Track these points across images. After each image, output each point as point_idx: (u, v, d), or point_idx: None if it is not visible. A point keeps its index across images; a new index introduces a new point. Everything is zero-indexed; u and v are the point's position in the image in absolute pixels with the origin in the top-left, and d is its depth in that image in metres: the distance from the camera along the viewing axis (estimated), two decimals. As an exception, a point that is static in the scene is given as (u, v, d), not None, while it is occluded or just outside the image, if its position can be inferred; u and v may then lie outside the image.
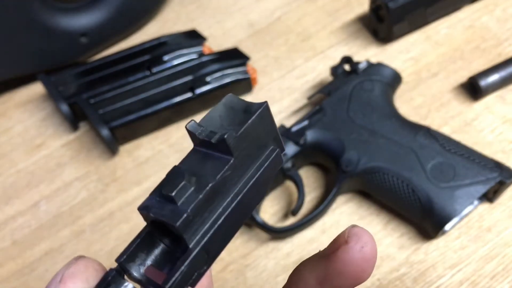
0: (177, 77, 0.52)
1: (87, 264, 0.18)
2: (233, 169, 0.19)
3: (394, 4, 0.51)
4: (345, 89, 0.48)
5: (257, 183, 0.19)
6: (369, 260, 0.20)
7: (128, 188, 0.50)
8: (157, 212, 0.17)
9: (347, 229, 0.20)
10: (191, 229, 0.17)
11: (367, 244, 0.20)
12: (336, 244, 0.20)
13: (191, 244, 0.17)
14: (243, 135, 0.18)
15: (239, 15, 0.61)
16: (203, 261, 0.18)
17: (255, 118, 0.19)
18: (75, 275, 0.17)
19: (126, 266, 0.18)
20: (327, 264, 0.20)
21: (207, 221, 0.18)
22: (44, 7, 0.53)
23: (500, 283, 0.41)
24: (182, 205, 0.17)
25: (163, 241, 0.19)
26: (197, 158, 0.19)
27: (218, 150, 0.19)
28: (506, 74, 0.49)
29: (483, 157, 0.43)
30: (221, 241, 0.19)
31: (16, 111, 0.57)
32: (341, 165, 0.44)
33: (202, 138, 0.19)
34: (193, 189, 0.18)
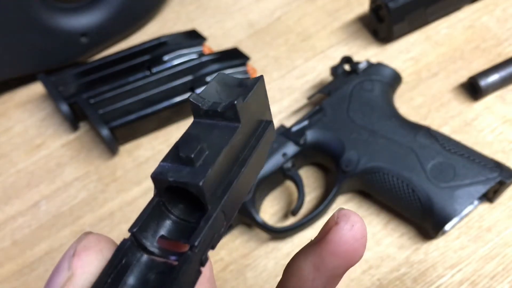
0: (177, 77, 0.52)
1: (99, 237, 0.17)
2: (240, 134, 0.19)
3: (394, 4, 0.51)
4: (345, 89, 0.48)
5: (258, 152, 0.20)
6: (360, 239, 0.20)
7: (128, 188, 0.50)
8: (176, 175, 0.17)
9: (335, 212, 0.21)
10: (210, 190, 0.18)
11: (356, 223, 0.20)
12: (327, 227, 0.20)
13: (211, 205, 0.18)
14: (248, 104, 0.19)
15: (239, 15, 0.61)
16: (221, 222, 0.18)
17: (255, 89, 0.20)
18: (89, 248, 0.17)
19: (139, 237, 0.17)
20: (320, 248, 0.20)
21: (222, 184, 0.18)
22: (44, 7, 0.53)
23: (500, 283, 0.41)
24: (200, 167, 0.18)
25: (173, 212, 0.19)
26: (201, 128, 0.20)
27: (224, 118, 0.19)
28: (506, 74, 0.49)
29: (483, 157, 0.43)
30: (234, 203, 0.19)
31: (16, 111, 0.57)
32: (341, 165, 0.44)
33: (206, 108, 0.19)
34: (207, 153, 0.18)
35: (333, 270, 0.21)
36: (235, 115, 0.19)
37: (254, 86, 0.20)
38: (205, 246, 0.17)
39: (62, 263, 0.16)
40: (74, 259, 0.16)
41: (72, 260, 0.16)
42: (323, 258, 0.20)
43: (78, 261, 0.16)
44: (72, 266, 0.16)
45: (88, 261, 0.16)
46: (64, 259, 0.16)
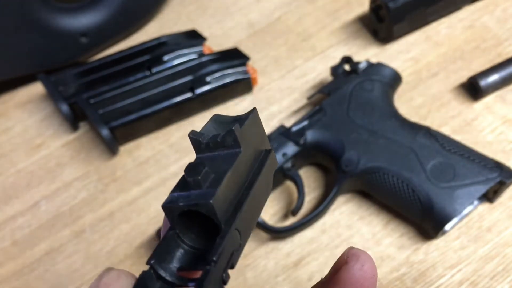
0: (177, 77, 0.52)
1: (119, 273, 0.18)
2: (243, 160, 0.20)
3: (394, 4, 0.51)
4: (345, 89, 0.48)
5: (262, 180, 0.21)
6: (370, 278, 0.20)
7: (128, 188, 0.50)
8: (186, 200, 0.18)
9: (345, 251, 0.21)
10: (221, 209, 0.18)
11: (366, 262, 0.20)
12: (337, 266, 0.21)
13: (224, 222, 0.18)
14: (244, 130, 0.20)
15: (239, 15, 0.61)
16: (236, 239, 0.19)
17: (250, 119, 0.21)
18: (109, 284, 0.17)
19: (156, 268, 0.18)
20: (331, 286, 0.20)
21: (232, 204, 0.19)
22: (44, 7, 0.53)
23: (500, 283, 0.41)
24: (208, 188, 0.18)
25: (186, 242, 0.19)
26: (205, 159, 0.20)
27: (225, 146, 0.20)
28: (506, 74, 0.49)
29: (483, 157, 0.43)
30: (247, 223, 0.20)
31: (16, 111, 0.57)
32: (341, 165, 0.44)
33: (207, 141, 0.20)
34: (213, 176, 0.19)
35: None
36: (235, 140, 0.20)
37: (249, 116, 0.21)
38: (224, 263, 0.18)
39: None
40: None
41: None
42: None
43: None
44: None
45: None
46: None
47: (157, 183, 0.50)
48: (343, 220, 0.45)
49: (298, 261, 0.44)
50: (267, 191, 0.22)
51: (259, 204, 0.21)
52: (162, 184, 0.50)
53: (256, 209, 0.21)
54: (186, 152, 0.52)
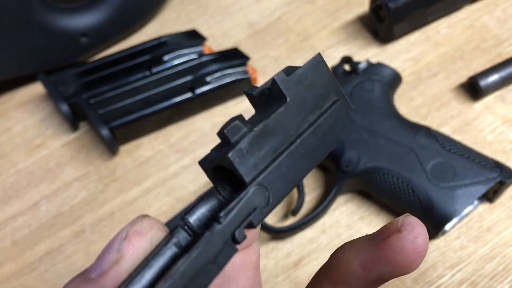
0: (177, 77, 0.52)
1: (153, 223, 0.17)
2: (289, 111, 0.19)
3: (394, 4, 0.51)
4: (345, 89, 0.48)
5: (320, 129, 0.20)
6: (420, 252, 0.19)
7: (128, 188, 0.50)
8: (213, 156, 0.18)
9: (400, 218, 0.20)
10: (246, 163, 0.17)
11: (420, 236, 0.19)
12: (388, 231, 0.19)
13: (247, 179, 0.17)
14: (294, 79, 0.19)
15: (239, 15, 0.61)
16: (263, 198, 0.18)
17: (307, 65, 0.19)
18: (141, 234, 0.17)
19: (189, 221, 0.18)
20: (376, 249, 0.19)
21: (264, 159, 0.18)
22: (44, 7, 0.53)
23: (500, 283, 0.41)
24: (235, 141, 0.17)
25: (225, 195, 0.19)
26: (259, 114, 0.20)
27: (272, 97, 0.19)
28: (506, 74, 0.49)
29: (483, 157, 0.43)
30: (283, 182, 0.19)
31: (16, 111, 0.57)
32: (341, 165, 0.44)
33: (256, 94, 0.19)
34: (247, 129, 0.18)
35: (382, 274, 0.20)
36: (278, 90, 0.18)
37: (307, 64, 0.19)
38: (238, 221, 0.17)
39: (114, 243, 0.17)
40: (125, 243, 0.17)
41: (123, 243, 0.17)
42: (376, 261, 0.20)
43: (129, 245, 0.16)
44: (122, 249, 0.16)
45: (138, 246, 0.17)
46: (116, 240, 0.17)
47: (157, 183, 0.50)
48: (343, 220, 0.45)
49: (298, 261, 0.44)
50: (325, 144, 0.20)
51: (309, 159, 0.19)
52: (162, 184, 0.50)
53: (300, 165, 0.19)
54: (186, 152, 0.52)
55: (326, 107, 0.20)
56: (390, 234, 0.19)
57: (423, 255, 0.19)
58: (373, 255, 0.19)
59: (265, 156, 0.18)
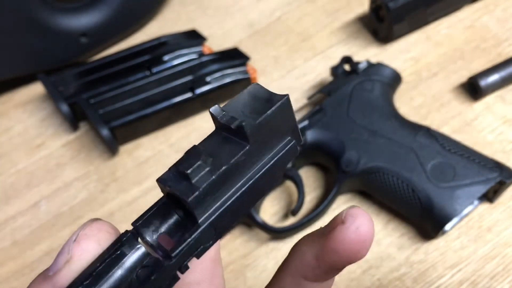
0: (177, 77, 0.52)
1: (101, 227, 0.19)
2: (248, 155, 0.20)
3: (394, 4, 0.51)
4: (345, 89, 0.48)
5: (270, 171, 0.20)
6: (364, 241, 0.20)
7: (128, 188, 0.50)
8: (173, 186, 0.19)
9: (345, 209, 0.21)
10: (202, 205, 0.19)
11: (362, 225, 0.20)
12: (334, 223, 0.21)
13: (200, 220, 0.19)
14: (261, 124, 0.19)
15: (239, 15, 0.61)
16: (210, 236, 0.19)
17: (274, 109, 0.20)
18: (89, 236, 0.18)
19: (140, 230, 0.19)
20: (324, 241, 0.21)
21: (217, 200, 0.19)
22: (44, 7, 0.53)
23: (500, 283, 0.41)
24: (196, 183, 0.18)
25: (177, 212, 0.20)
26: (217, 140, 0.20)
27: (237, 135, 0.20)
28: (506, 74, 0.49)
29: (483, 157, 0.43)
30: (229, 220, 0.20)
31: (16, 111, 0.57)
32: (341, 165, 0.44)
33: (222, 122, 0.20)
34: (208, 169, 0.19)
35: (333, 264, 0.21)
36: (244, 135, 0.19)
37: (274, 106, 0.20)
38: (186, 256, 0.18)
39: (65, 246, 0.18)
40: (74, 245, 0.18)
41: (72, 245, 0.18)
42: (324, 252, 0.21)
43: (78, 247, 0.18)
44: (71, 250, 0.18)
45: (86, 248, 0.18)
46: (68, 243, 0.18)
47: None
48: (343, 220, 0.45)
49: (298, 261, 0.44)
50: (271, 181, 0.21)
51: (252, 200, 0.21)
52: (162, 184, 0.50)
53: (246, 205, 0.20)
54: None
55: (280, 146, 0.21)
56: (335, 226, 0.20)
57: (367, 244, 0.20)
58: (322, 246, 0.21)
59: (219, 197, 0.19)
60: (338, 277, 0.43)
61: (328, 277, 0.22)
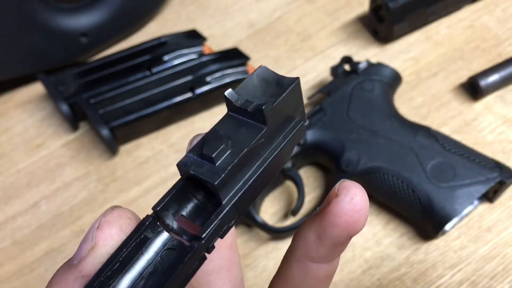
0: (177, 77, 0.52)
1: (122, 213, 0.19)
2: (266, 137, 0.20)
3: (394, 4, 0.51)
4: (345, 89, 0.48)
5: (282, 151, 0.21)
6: (360, 210, 0.21)
7: (128, 188, 0.50)
8: (197, 170, 0.19)
9: (336, 184, 0.21)
10: (226, 188, 0.19)
11: (356, 195, 0.21)
12: (329, 199, 0.21)
13: (224, 201, 0.19)
14: (277, 107, 0.20)
15: (239, 15, 0.61)
16: (232, 216, 0.20)
17: (288, 92, 0.20)
18: (110, 223, 0.19)
19: (161, 214, 0.19)
20: (321, 219, 0.21)
21: (238, 181, 0.20)
22: (44, 7, 0.53)
23: (500, 283, 0.41)
24: (220, 166, 0.19)
25: (196, 196, 0.20)
26: (232, 123, 0.21)
27: (253, 118, 0.20)
28: (506, 74, 0.49)
29: (483, 157, 0.43)
30: (248, 199, 0.20)
31: (16, 111, 0.57)
32: (341, 165, 0.44)
33: (239, 106, 0.20)
34: (229, 152, 0.19)
35: (335, 239, 0.21)
36: (263, 118, 0.20)
37: (288, 89, 0.20)
38: (213, 236, 0.19)
39: (89, 233, 0.19)
40: (98, 232, 0.18)
41: (95, 232, 0.18)
42: (324, 228, 0.21)
43: (101, 234, 0.18)
44: (95, 237, 0.18)
45: (109, 234, 0.18)
46: (91, 230, 0.19)
47: (157, 183, 0.50)
48: (343, 220, 0.45)
49: (298, 261, 0.44)
50: (281, 163, 0.22)
51: (267, 179, 0.21)
52: (162, 184, 0.50)
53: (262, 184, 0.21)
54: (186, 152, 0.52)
55: (290, 127, 0.22)
56: (331, 200, 0.21)
57: (364, 213, 0.21)
58: (321, 224, 0.21)
59: (239, 179, 0.20)
60: (338, 277, 0.43)
61: (334, 255, 0.22)
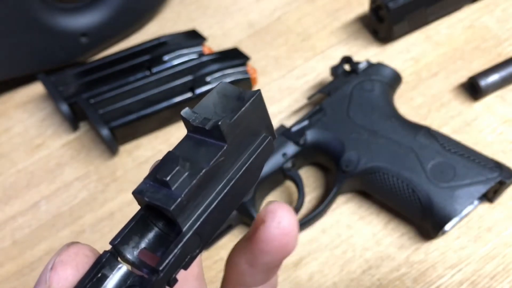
0: (177, 77, 0.52)
1: (78, 250, 0.18)
2: (226, 155, 0.19)
3: (394, 4, 0.51)
4: (345, 89, 0.48)
5: (249, 169, 0.20)
6: (289, 233, 0.20)
7: (128, 188, 0.50)
8: (152, 196, 0.18)
9: (263, 208, 0.20)
10: (185, 213, 0.18)
11: (283, 218, 0.19)
12: (256, 225, 0.20)
13: (184, 228, 0.18)
14: (236, 122, 0.19)
15: (239, 15, 0.61)
16: (196, 244, 0.18)
17: (248, 105, 0.19)
18: (65, 263, 0.17)
19: (120, 249, 0.18)
20: (251, 245, 0.20)
21: (200, 205, 0.18)
22: (44, 7, 0.53)
23: (500, 283, 0.41)
24: (176, 190, 0.17)
25: (157, 224, 0.19)
26: (191, 144, 0.19)
27: (212, 136, 0.19)
28: (506, 74, 0.49)
29: (483, 157, 0.43)
30: (213, 225, 0.19)
31: (16, 111, 0.57)
32: (341, 165, 0.44)
33: (196, 125, 0.19)
34: (187, 174, 0.18)
35: (267, 264, 0.21)
36: (221, 135, 0.18)
37: (247, 103, 0.19)
38: (174, 268, 0.18)
39: (43, 276, 0.17)
40: (51, 274, 0.17)
41: (49, 274, 0.17)
42: (255, 256, 0.20)
43: (55, 275, 0.17)
44: (48, 279, 0.17)
45: (64, 276, 0.17)
46: (44, 272, 0.17)
47: (157, 183, 0.50)
48: (343, 220, 0.45)
49: (298, 261, 0.44)
50: (252, 179, 0.21)
51: (238, 196, 0.20)
52: (162, 184, 0.50)
53: (229, 206, 0.20)
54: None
55: (256, 143, 0.20)
56: (258, 227, 0.20)
57: (293, 235, 0.20)
58: (251, 251, 0.20)
59: (201, 202, 0.18)
60: (338, 277, 0.43)
61: (269, 276, 0.22)
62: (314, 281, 0.43)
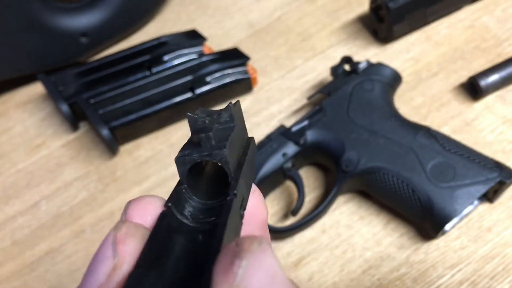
0: (177, 77, 0.52)
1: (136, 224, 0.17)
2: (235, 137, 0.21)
3: (394, 4, 0.51)
4: (345, 89, 0.48)
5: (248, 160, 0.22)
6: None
7: (128, 188, 0.50)
8: (199, 153, 0.19)
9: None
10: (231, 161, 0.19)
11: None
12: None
13: (233, 173, 0.19)
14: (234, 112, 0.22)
15: (239, 15, 0.61)
16: (244, 188, 0.20)
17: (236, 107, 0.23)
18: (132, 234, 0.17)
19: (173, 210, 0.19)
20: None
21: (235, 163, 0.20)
22: (44, 7, 0.53)
23: (500, 283, 0.41)
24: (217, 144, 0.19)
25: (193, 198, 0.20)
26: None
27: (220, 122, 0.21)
28: (506, 74, 0.49)
29: (483, 157, 0.43)
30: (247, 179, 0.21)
31: (16, 111, 0.57)
32: (341, 165, 0.44)
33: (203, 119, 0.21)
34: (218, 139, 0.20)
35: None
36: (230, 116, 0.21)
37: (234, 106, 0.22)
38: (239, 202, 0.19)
39: (104, 251, 0.16)
40: (119, 246, 0.16)
41: (116, 247, 0.16)
42: None
43: (126, 248, 0.16)
44: (119, 253, 0.16)
45: (134, 247, 0.16)
46: (106, 247, 0.16)
47: (157, 183, 0.50)
48: (343, 220, 0.45)
49: (298, 261, 0.44)
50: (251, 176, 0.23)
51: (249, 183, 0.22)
52: (162, 184, 0.50)
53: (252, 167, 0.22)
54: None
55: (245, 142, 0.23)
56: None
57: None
58: None
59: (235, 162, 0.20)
60: (338, 277, 0.43)
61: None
62: (314, 281, 0.43)
